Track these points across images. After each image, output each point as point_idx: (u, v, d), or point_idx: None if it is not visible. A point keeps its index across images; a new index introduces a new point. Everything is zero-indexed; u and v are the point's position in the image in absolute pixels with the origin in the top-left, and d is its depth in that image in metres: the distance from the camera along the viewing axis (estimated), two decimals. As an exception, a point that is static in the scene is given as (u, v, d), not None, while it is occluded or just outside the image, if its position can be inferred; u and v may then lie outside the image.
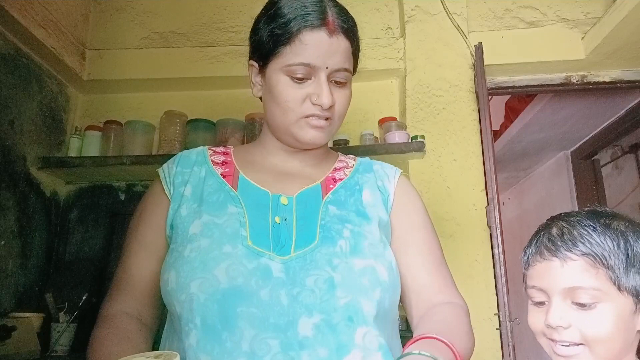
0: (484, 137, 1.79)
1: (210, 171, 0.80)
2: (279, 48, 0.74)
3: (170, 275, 0.69)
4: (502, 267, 1.64)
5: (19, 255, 1.66)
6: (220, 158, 0.83)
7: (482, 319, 1.67)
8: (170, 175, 0.80)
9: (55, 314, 1.61)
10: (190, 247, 0.70)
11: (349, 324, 0.66)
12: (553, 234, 0.75)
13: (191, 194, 0.76)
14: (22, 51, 1.69)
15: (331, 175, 0.83)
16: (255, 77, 0.81)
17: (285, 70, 0.74)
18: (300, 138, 0.78)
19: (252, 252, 0.68)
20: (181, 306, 0.66)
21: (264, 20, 0.79)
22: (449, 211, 1.79)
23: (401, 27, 2.05)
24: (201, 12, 2.11)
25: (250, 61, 0.81)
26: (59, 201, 1.92)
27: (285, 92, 0.75)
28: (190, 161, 0.82)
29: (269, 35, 0.76)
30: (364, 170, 0.86)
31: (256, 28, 0.80)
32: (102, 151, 1.88)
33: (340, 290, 0.67)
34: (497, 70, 2.00)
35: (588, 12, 1.98)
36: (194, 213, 0.73)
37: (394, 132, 1.83)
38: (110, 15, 2.11)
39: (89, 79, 1.97)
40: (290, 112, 0.75)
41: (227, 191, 0.76)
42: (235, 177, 0.79)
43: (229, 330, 0.63)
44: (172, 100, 2.03)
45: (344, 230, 0.74)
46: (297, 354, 0.62)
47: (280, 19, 0.75)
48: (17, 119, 1.66)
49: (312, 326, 0.64)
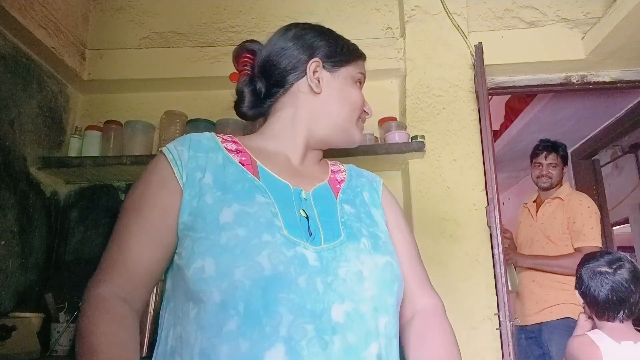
0: (484, 137, 1.79)
1: (227, 158, 0.79)
2: (355, 59, 0.92)
3: (205, 262, 0.68)
4: (502, 267, 1.64)
5: (19, 255, 1.66)
6: (232, 146, 0.83)
7: (482, 319, 1.67)
8: (181, 158, 0.77)
9: (55, 314, 1.61)
10: (226, 235, 0.69)
11: (374, 314, 0.72)
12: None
13: (213, 182, 0.75)
14: (22, 51, 1.69)
15: (333, 176, 0.90)
16: (319, 74, 0.88)
17: (356, 77, 0.91)
18: (354, 136, 0.91)
19: (289, 241, 0.71)
20: (222, 293, 0.66)
21: (333, 35, 0.93)
22: (449, 211, 1.79)
23: (401, 27, 2.05)
24: (201, 12, 2.11)
25: (316, 59, 0.88)
26: (59, 201, 1.92)
27: (357, 94, 0.90)
28: (202, 146, 0.80)
29: (348, 48, 0.92)
30: (357, 175, 0.94)
31: (333, 37, 0.92)
32: (102, 151, 1.88)
33: (367, 283, 0.73)
34: (497, 70, 2.00)
35: (588, 12, 1.99)
36: (220, 201, 0.73)
37: (394, 132, 1.83)
38: (110, 15, 2.11)
39: (89, 79, 1.97)
40: (355, 112, 0.90)
41: (251, 180, 0.77)
42: (254, 167, 0.80)
43: (269, 315, 0.65)
44: (172, 100, 2.03)
45: (362, 229, 0.80)
46: (331, 338, 0.66)
47: (348, 42, 0.94)
48: (17, 119, 1.66)
49: (343, 312, 0.69)
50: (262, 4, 2.11)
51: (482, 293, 1.70)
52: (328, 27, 0.95)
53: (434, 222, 1.78)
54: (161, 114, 1.92)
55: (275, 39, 0.92)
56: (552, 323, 2.28)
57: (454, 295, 1.70)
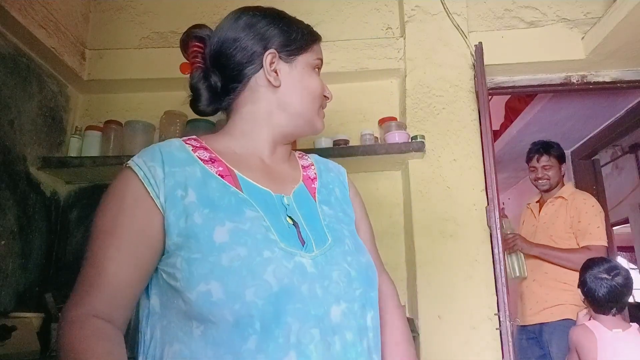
0: (484, 137, 1.79)
1: (205, 171, 0.77)
2: (311, 45, 0.88)
3: (211, 286, 0.67)
4: (502, 267, 1.64)
5: (19, 255, 1.66)
6: (204, 154, 0.80)
7: (482, 319, 1.67)
8: (155, 177, 0.73)
9: (55, 314, 1.61)
10: (226, 256, 0.69)
11: (363, 310, 0.76)
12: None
13: (197, 199, 0.73)
14: (22, 51, 1.69)
15: (305, 174, 0.90)
16: (276, 65, 0.85)
17: (314, 63, 0.88)
18: (317, 124, 0.89)
19: (287, 253, 0.72)
20: (236, 314, 0.67)
21: (286, 21, 0.89)
22: (449, 211, 1.79)
23: (401, 27, 2.05)
24: (201, 12, 2.11)
25: (271, 50, 0.85)
26: (59, 201, 1.92)
27: (316, 82, 0.87)
28: (176, 159, 0.76)
29: (303, 33, 0.88)
30: (325, 169, 0.95)
31: (286, 23, 0.88)
32: (102, 151, 1.88)
33: (356, 283, 0.77)
34: (497, 70, 2.00)
35: (588, 12, 1.99)
36: (211, 220, 0.71)
37: (394, 132, 1.83)
38: (110, 15, 2.11)
39: (89, 79, 1.98)
40: (317, 100, 0.88)
41: (235, 193, 0.76)
42: (234, 177, 0.78)
43: (280, 327, 0.68)
44: (172, 100, 2.03)
45: (344, 230, 0.83)
46: (332, 338, 0.70)
47: (301, 24, 0.90)
48: (17, 119, 1.66)
49: (340, 312, 0.73)
50: (262, 3, 2.10)
51: (482, 293, 1.70)
52: (280, 11, 0.91)
53: (434, 222, 1.78)
54: (161, 114, 1.92)
55: (226, 28, 0.88)
56: (553, 324, 2.28)
57: (454, 295, 1.70)
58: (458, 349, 1.67)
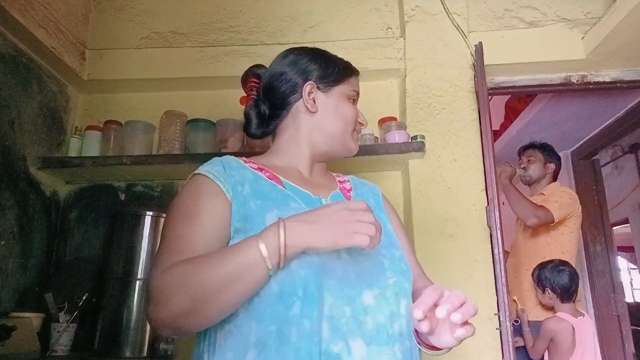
0: (484, 137, 1.79)
1: (256, 174, 0.93)
2: (346, 78, 1.03)
3: None
4: (502, 267, 1.64)
5: (19, 255, 1.66)
6: (254, 165, 0.96)
7: (482, 319, 1.67)
8: (222, 175, 0.89)
9: (55, 314, 1.61)
10: None
11: (396, 297, 0.86)
12: None
13: (251, 192, 0.88)
14: (22, 51, 1.69)
15: (341, 185, 1.05)
16: (314, 95, 1.00)
17: (349, 94, 1.03)
18: (351, 146, 1.03)
19: None
20: (281, 282, 0.77)
21: (325, 57, 1.04)
22: (449, 211, 1.79)
23: (401, 27, 2.05)
24: (201, 12, 2.11)
25: (310, 82, 1.00)
26: (59, 201, 1.92)
27: (349, 109, 1.02)
28: (232, 166, 0.93)
29: (339, 68, 1.03)
30: (360, 184, 1.09)
31: (324, 59, 1.03)
32: (102, 151, 1.88)
33: (389, 272, 0.87)
34: (497, 70, 2.00)
35: (588, 12, 1.99)
36: (262, 207, 0.85)
37: (394, 132, 1.83)
38: (110, 15, 2.11)
39: (89, 79, 1.98)
40: (350, 125, 1.01)
41: (281, 191, 0.91)
42: (279, 180, 0.94)
43: (317, 298, 0.77)
44: (172, 100, 2.03)
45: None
46: (364, 318, 0.80)
47: (339, 61, 1.05)
48: (17, 119, 1.66)
49: (372, 297, 0.83)
50: (262, 4, 2.11)
51: (482, 293, 1.69)
52: (322, 50, 1.06)
53: (434, 222, 1.78)
54: (161, 114, 1.92)
55: (275, 65, 1.04)
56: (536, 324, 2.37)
57: (454, 295, 1.70)
58: (458, 348, 1.65)
